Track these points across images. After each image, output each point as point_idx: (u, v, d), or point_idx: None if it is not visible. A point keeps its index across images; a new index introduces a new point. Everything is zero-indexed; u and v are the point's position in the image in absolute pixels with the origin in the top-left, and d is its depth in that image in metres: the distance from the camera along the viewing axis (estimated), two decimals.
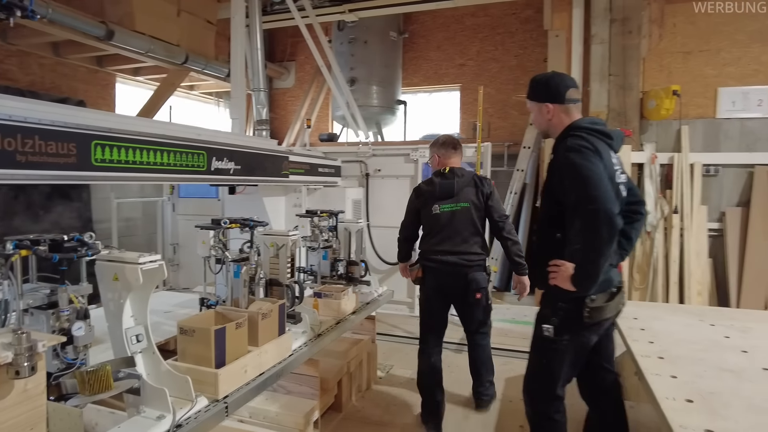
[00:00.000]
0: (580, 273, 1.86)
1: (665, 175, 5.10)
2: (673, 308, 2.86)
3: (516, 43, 8.06)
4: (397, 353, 4.18)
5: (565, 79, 2.09)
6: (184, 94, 7.88)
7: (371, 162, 5.38)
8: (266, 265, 2.61)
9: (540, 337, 2.04)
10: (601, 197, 1.79)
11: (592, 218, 1.79)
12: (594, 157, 1.87)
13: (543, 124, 2.12)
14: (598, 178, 1.83)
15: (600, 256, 1.80)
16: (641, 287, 5.09)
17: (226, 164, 3.55)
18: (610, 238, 1.79)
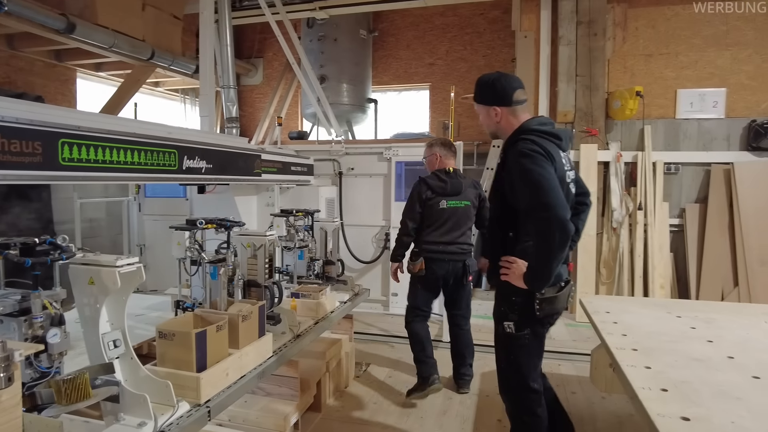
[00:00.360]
0: (533, 274, 1.92)
1: (630, 173, 5.29)
2: (642, 302, 2.97)
3: (484, 43, 8.17)
4: (373, 352, 4.19)
5: (512, 81, 2.08)
6: (149, 91, 7.64)
7: (344, 160, 5.36)
8: (244, 266, 2.57)
9: (503, 335, 2.10)
10: (554, 204, 1.81)
11: (545, 225, 1.83)
12: (545, 162, 1.89)
13: (491, 127, 2.14)
14: (549, 184, 1.85)
15: (553, 259, 1.84)
16: (608, 281, 5.26)
17: (198, 163, 3.48)
18: (562, 244, 1.83)
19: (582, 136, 5.31)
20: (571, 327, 4.90)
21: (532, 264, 1.92)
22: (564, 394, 3.38)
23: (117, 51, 5.02)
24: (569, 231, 1.83)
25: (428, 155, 3.59)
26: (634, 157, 5.25)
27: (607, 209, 5.27)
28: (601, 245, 5.28)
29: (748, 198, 4.88)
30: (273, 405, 2.56)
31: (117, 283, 1.67)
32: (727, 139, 5.16)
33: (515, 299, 2.04)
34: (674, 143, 5.27)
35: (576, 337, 4.59)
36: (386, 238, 5.25)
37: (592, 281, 5.16)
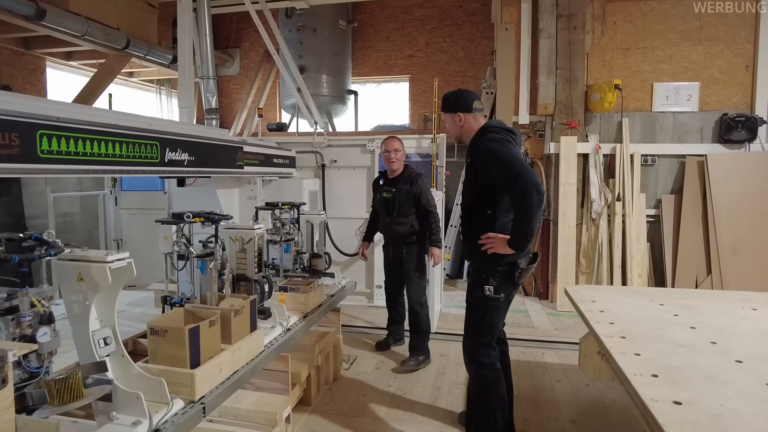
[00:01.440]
0: (518, 234, 2.28)
1: (608, 164, 5.39)
2: (625, 290, 3.05)
3: (463, 35, 8.20)
4: (360, 344, 4.19)
5: (471, 94, 2.56)
6: (123, 82, 7.43)
7: (327, 153, 5.32)
8: (233, 260, 2.53)
9: (482, 297, 2.45)
10: (525, 172, 2.23)
11: (522, 189, 2.21)
12: (511, 145, 2.34)
13: (456, 131, 2.58)
14: (519, 159, 2.29)
15: (533, 217, 2.23)
16: (588, 271, 5.37)
17: (180, 155, 3.41)
18: (540, 201, 2.21)
19: (562, 129, 5.39)
20: (553, 316, 4.99)
21: (516, 227, 2.30)
22: (549, 381, 3.45)
23: (90, 39, 4.85)
24: (543, 191, 2.25)
25: (402, 149, 3.73)
26: (612, 149, 5.36)
27: (586, 200, 5.38)
28: (581, 236, 5.38)
29: (720, 189, 5.04)
30: (264, 400, 2.54)
31: (108, 279, 1.63)
32: (700, 132, 5.31)
33: (499, 268, 2.41)
34: (651, 135, 5.40)
35: (558, 326, 4.68)
36: None
37: (573, 271, 5.26)
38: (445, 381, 3.46)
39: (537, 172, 5.64)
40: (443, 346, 4.11)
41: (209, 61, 4.93)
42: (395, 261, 3.82)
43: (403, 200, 3.66)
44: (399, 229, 3.69)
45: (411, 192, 3.67)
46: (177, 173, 3.41)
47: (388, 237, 3.83)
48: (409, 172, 3.74)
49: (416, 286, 3.76)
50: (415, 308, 3.74)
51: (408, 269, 3.74)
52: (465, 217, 2.62)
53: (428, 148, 5.06)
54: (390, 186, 3.72)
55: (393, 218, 3.68)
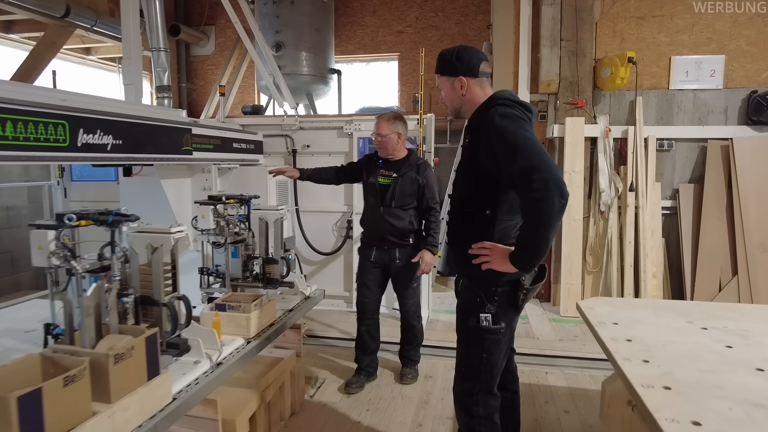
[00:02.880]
0: (526, 249, 1.67)
1: (619, 150, 4.75)
2: (654, 305, 2.44)
3: (457, 9, 7.50)
4: (332, 360, 3.57)
5: (477, 52, 1.91)
6: (79, 59, 6.70)
7: (298, 136, 4.65)
8: (136, 277, 1.88)
9: (477, 329, 1.86)
10: (546, 164, 1.59)
11: (540, 188, 1.57)
12: (527, 125, 1.74)
13: (456, 101, 1.94)
14: (538, 146, 1.65)
15: (551, 227, 1.60)
16: (595, 270, 4.75)
17: (101, 138, 2.75)
18: (562, 207, 1.59)
19: (567, 109, 4.74)
20: (556, 323, 4.38)
21: (525, 238, 1.67)
22: (555, 413, 2.84)
23: (17, 3, 4.14)
24: (567, 193, 1.60)
25: (392, 132, 3.00)
26: (624, 133, 4.71)
27: (594, 190, 4.74)
28: (588, 230, 4.76)
29: (748, 177, 4.41)
30: None
31: None
32: (724, 112, 4.66)
33: (497, 289, 1.83)
34: (668, 117, 4.75)
35: (562, 335, 4.07)
36: (348, 226, 4.60)
37: (578, 270, 4.65)
38: (428, 414, 2.84)
39: None
40: (429, 364, 3.49)
41: (159, 31, 4.24)
42: (381, 268, 3.15)
43: (405, 189, 3.04)
44: (395, 224, 3.03)
45: (416, 181, 3.05)
46: (96, 160, 2.74)
47: (376, 234, 3.09)
48: (415, 158, 3.13)
49: (413, 298, 3.20)
50: (411, 322, 3.22)
51: (404, 279, 3.14)
52: (454, 216, 1.98)
53: (414, 131, 4.39)
54: (391, 170, 3.06)
55: (389, 209, 3.03)
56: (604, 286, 4.73)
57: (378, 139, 3.02)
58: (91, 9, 4.88)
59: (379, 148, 3.07)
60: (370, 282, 3.17)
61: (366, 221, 3.20)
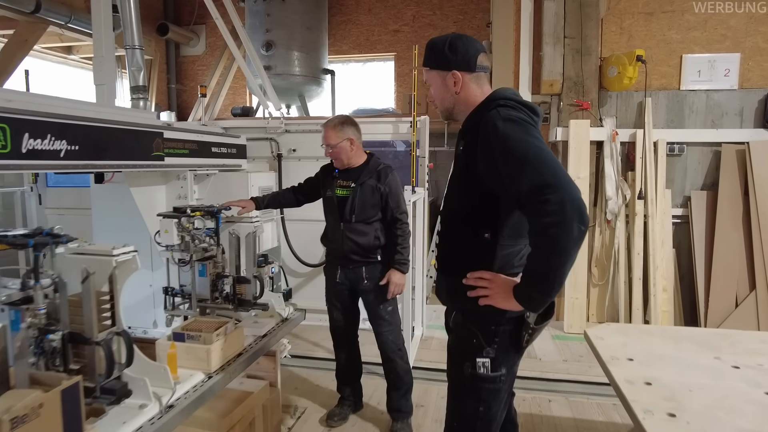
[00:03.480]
0: (536, 285, 1.35)
1: (627, 154, 4.45)
2: (674, 335, 2.13)
3: (455, 7, 7.22)
4: (316, 384, 3.28)
5: (474, 42, 1.60)
6: (60, 59, 6.42)
7: (284, 140, 4.36)
8: (65, 310, 1.58)
9: (472, 377, 1.55)
10: (564, 182, 1.28)
11: (556, 211, 1.26)
12: (536, 131, 1.43)
13: (447, 100, 1.62)
14: (550, 157, 1.33)
15: (567, 260, 1.29)
16: (601, 283, 4.45)
17: (51, 144, 2.46)
18: (580, 236, 1.27)
19: (571, 111, 4.44)
20: (559, 340, 4.08)
21: (534, 271, 1.35)
22: None
23: None
24: (587, 217, 1.29)
25: (342, 139, 2.64)
26: (632, 136, 4.41)
27: (600, 198, 4.44)
28: (594, 240, 4.45)
29: (766, 184, 4.10)
30: None
31: None
32: (740, 114, 4.36)
33: (497, 328, 1.52)
34: (679, 119, 4.45)
35: (567, 355, 3.76)
36: None
37: (584, 283, 4.34)
38: None
39: None
40: (421, 389, 3.19)
41: (134, 27, 3.96)
42: (348, 291, 2.80)
43: (366, 200, 2.66)
44: (358, 240, 2.67)
45: (377, 189, 2.68)
46: (45, 168, 2.45)
47: (339, 254, 2.73)
48: (375, 163, 2.74)
49: (389, 325, 2.76)
50: (391, 357, 2.75)
51: (373, 303, 2.74)
52: (445, 239, 1.67)
53: (407, 134, 4.10)
54: (348, 179, 2.71)
55: (350, 225, 2.67)
56: (611, 300, 4.43)
57: (329, 151, 2.66)
58: (66, 5, 4.61)
59: (334, 160, 2.70)
60: (339, 304, 2.83)
61: (327, 239, 2.83)
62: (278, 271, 4.17)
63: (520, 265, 1.48)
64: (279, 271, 4.20)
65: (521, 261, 1.50)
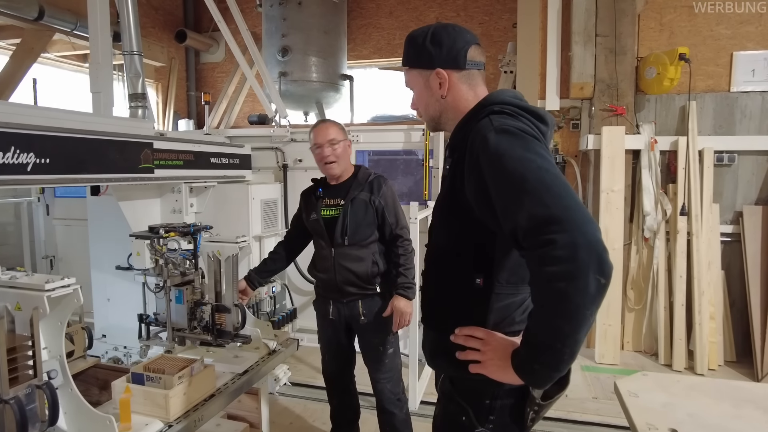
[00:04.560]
0: (539, 356, 1.01)
1: (667, 164, 3.99)
2: (731, 393, 1.71)
3: (480, 8, 6.85)
4: (308, 424, 2.97)
5: (463, 32, 1.30)
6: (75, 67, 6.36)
7: (290, 149, 4.11)
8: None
9: None
10: (577, 216, 0.94)
11: (564, 257, 0.92)
12: (541, 146, 1.08)
13: (432, 106, 1.31)
14: (561, 181, 1.01)
15: (580, 324, 0.94)
16: (637, 308, 4.00)
17: (16, 157, 2.26)
18: (599, 292, 0.93)
19: (604, 116, 4.02)
20: (589, 372, 3.65)
21: (537, 337, 1.01)
22: None
23: None
24: (609, 265, 0.93)
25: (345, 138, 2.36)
26: (673, 144, 3.95)
27: (637, 213, 3.99)
28: (629, 260, 4.01)
29: None
30: None
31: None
32: None
33: (492, 403, 1.19)
34: (728, 125, 3.97)
35: (597, 390, 3.34)
36: None
37: (618, 308, 3.90)
38: None
39: (569, 176, 4.28)
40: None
41: (132, 32, 3.78)
42: (342, 328, 2.44)
43: (359, 218, 2.31)
44: (353, 268, 2.31)
45: (371, 204, 2.32)
46: (11, 183, 2.25)
47: (331, 286, 2.37)
48: (365, 173, 2.40)
49: (388, 371, 2.39)
50: (388, 408, 2.39)
51: (370, 344, 2.38)
52: (428, 281, 1.33)
53: (419, 143, 3.78)
54: (335, 196, 2.37)
55: (342, 250, 2.32)
56: (649, 327, 3.97)
57: (328, 151, 2.29)
58: (71, 11, 4.50)
59: (331, 164, 2.32)
60: (333, 346, 2.48)
61: (316, 269, 2.47)
62: (280, 289, 3.91)
63: (523, 320, 1.15)
64: (282, 289, 3.93)
65: (524, 315, 1.16)
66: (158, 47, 6.28)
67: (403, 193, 4.05)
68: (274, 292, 3.74)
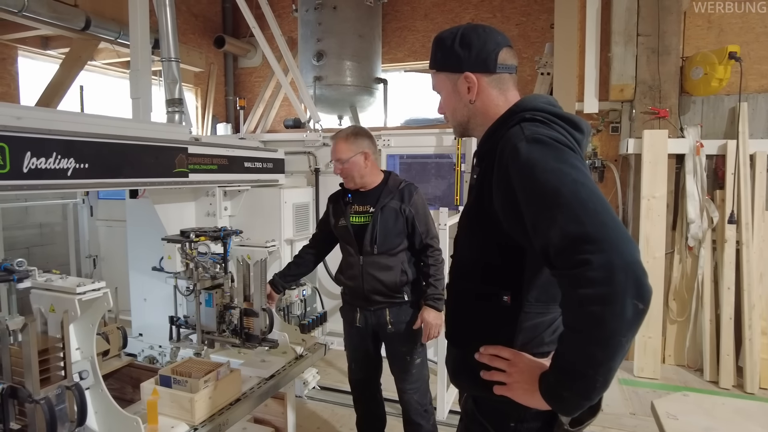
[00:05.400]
0: (571, 383, 0.94)
1: (714, 170, 3.79)
2: None
3: (517, 9, 6.72)
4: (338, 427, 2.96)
5: (494, 34, 1.23)
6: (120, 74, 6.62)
7: (322, 153, 4.13)
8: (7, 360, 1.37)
9: None
10: (615, 235, 0.88)
11: (600, 279, 0.86)
12: (576, 158, 1.02)
13: (460, 111, 1.25)
14: (598, 196, 0.94)
15: (616, 352, 0.88)
16: (680, 320, 3.81)
17: (57, 162, 2.35)
18: (636, 317, 0.86)
19: (645, 119, 3.86)
20: (627, 386, 3.50)
21: (568, 363, 0.95)
22: None
23: (31, 17, 3.96)
24: (648, 289, 0.87)
25: (356, 153, 2.27)
26: (721, 148, 3.75)
27: (680, 220, 3.81)
28: (671, 270, 3.83)
29: None
30: None
31: None
32: None
33: (518, 426, 1.13)
34: None
35: (636, 406, 3.20)
36: None
37: (659, 319, 3.73)
38: None
39: (608, 182, 4.13)
40: None
41: (170, 39, 3.89)
42: (369, 336, 2.42)
43: (389, 226, 2.28)
44: (382, 277, 2.28)
45: (401, 212, 2.29)
46: (49, 187, 2.34)
47: (358, 294, 2.35)
48: (395, 181, 2.37)
49: (415, 382, 2.35)
50: (415, 420, 2.35)
51: (398, 353, 2.35)
52: (453, 297, 1.29)
53: (451, 147, 3.72)
54: (365, 203, 2.34)
55: (371, 258, 2.30)
56: (693, 341, 3.77)
57: (339, 168, 2.29)
58: (115, 20, 4.67)
59: (344, 179, 2.34)
60: (360, 354, 2.46)
61: (343, 276, 2.44)
62: (311, 292, 3.92)
63: (552, 341, 1.09)
64: (313, 292, 3.95)
65: (554, 336, 1.11)
66: (197, 53, 6.45)
67: (436, 196, 4.00)
68: (304, 296, 3.75)
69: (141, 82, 3.68)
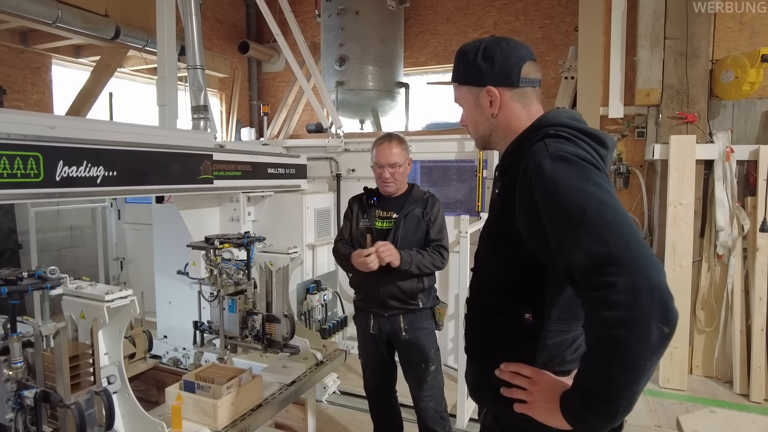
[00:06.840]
0: (593, 405, 0.93)
1: (745, 176, 3.68)
2: None
3: (541, 11, 6.65)
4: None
5: (517, 47, 1.21)
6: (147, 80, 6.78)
7: (343, 159, 4.16)
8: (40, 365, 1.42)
9: None
10: (641, 257, 0.87)
11: (624, 302, 0.85)
12: (601, 176, 1.01)
13: (482, 125, 1.25)
14: (623, 216, 0.93)
15: (639, 376, 0.87)
16: (708, 330, 3.71)
17: (88, 171, 2.43)
18: (662, 342, 0.85)
19: (673, 124, 3.77)
20: (652, 397, 3.43)
21: (590, 385, 0.93)
22: None
23: (64, 27, 4.09)
24: (675, 313, 0.86)
25: (407, 158, 2.36)
26: (753, 153, 3.64)
27: (709, 228, 3.71)
28: (699, 278, 3.73)
29: None
30: None
31: None
32: None
33: None
34: None
35: (661, 418, 3.12)
36: None
37: (686, 329, 3.63)
38: None
39: (634, 188, 4.05)
40: None
41: (195, 47, 3.97)
42: (383, 343, 2.44)
43: (410, 233, 2.33)
44: (399, 283, 2.31)
45: (423, 219, 2.35)
46: (82, 195, 2.41)
47: (373, 299, 2.37)
48: (419, 191, 2.44)
49: (431, 389, 2.36)
50: (431, 427, 2.36)
51: (412, 360, 2.37)
52: (474, 313, 1.28)
53: (472, 153, 3.71)
54: (389, 209, 2.39)
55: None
56: (722, 351, 3.67)
57: (389, 172, 2.34)
58: (143, 29, 4.80)
59: (388, 184, 2.37)
60: (374, 361, 2.48)
61: (360, 281, 2.44)
62: (332, 297, 3.95)
63: (574, 360, 1.08)
64: (333, 297, 3.98)
65: (576, 354, 1.09)
66: (222, 59, 6.57)
67: (457, 200, 3.97)
68: (325, 300, 3.78)
69: (167, 90, 3.76)
